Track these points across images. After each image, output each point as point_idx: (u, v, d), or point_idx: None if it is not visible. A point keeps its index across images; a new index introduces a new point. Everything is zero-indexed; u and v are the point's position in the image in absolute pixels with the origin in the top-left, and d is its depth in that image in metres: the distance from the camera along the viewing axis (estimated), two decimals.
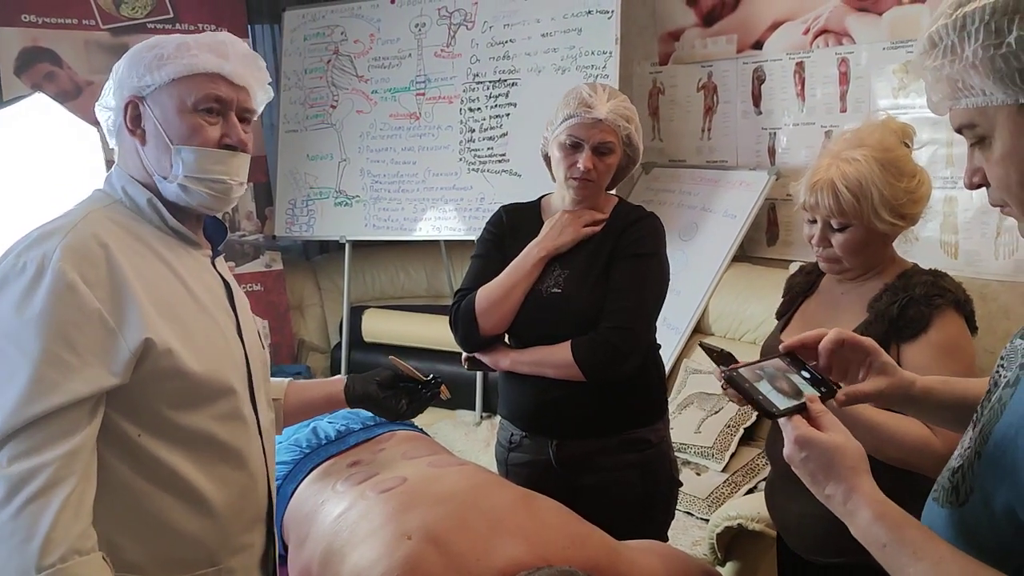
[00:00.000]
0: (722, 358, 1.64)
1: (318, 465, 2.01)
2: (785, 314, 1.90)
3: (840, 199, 1.60)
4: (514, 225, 2.09)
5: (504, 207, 2.15)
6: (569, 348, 1.91)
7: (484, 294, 1.99)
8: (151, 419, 1.28)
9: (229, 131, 1.38)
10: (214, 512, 1.34)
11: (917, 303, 1.60)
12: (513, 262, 2.00)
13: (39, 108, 2.74)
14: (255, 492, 1.43)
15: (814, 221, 1.69)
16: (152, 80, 1.34)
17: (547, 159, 2.04)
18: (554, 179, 2.03)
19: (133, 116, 1.36)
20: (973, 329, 1.64)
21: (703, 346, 1.67)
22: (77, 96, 3.74)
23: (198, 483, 1.32)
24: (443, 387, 1.85)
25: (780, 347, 1.26)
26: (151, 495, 1.29)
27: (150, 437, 1.27)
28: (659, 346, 2.09)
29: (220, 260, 1.49)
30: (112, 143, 1.43)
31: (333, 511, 1.78)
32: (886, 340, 1.61)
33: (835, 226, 1.64)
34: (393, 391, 1.81)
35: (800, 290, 1.89)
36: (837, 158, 1.63)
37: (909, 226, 1.67)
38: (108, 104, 1.40)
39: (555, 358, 1.93)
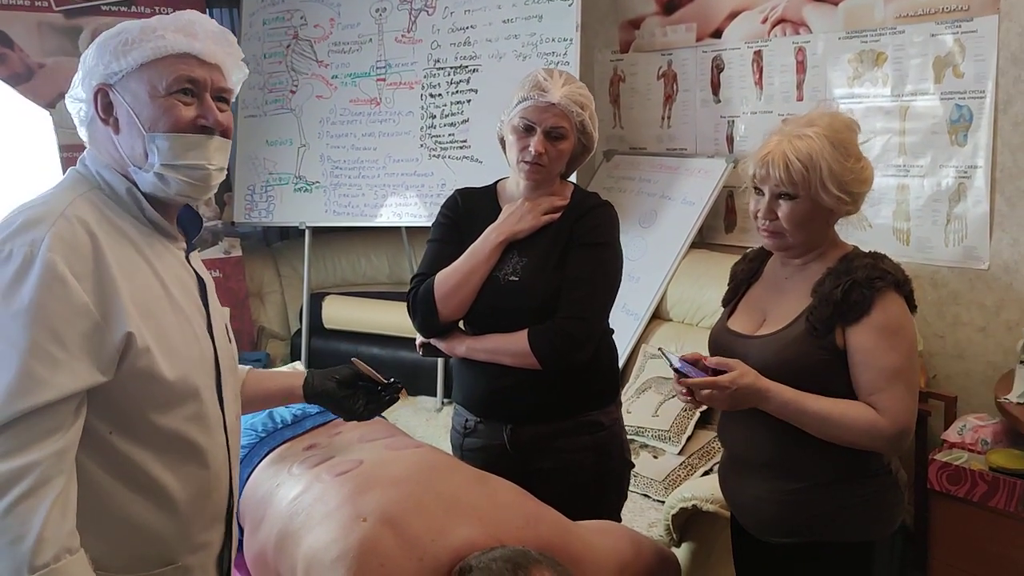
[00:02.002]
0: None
1: (274, 449, 2.00)
2: (731, 301, 1.93)
3: (790, 169, 1.63)
4: (470, 209, 2.09)
5: (459, 190, 2.15)
6: (525, 337, 1.92)
7: (442, 279, 1.99)
8: (124, 417, 1.25)
9: (205, 112, 1.33)
10: (178, 510, 1.32)
11: (859, 286, 1.63)
12: (471, 247, 2.00)
13: None
14: (218, 491, 1.41)
15: (760, 194, 1.71)
16: (120, 67, 1.29)
17: (503, 143, 2.05)
18: (509, 163, 2.03)
19: (104, 105, 1.31)
20: (912, 308, 1.69)
21: (663, 352, 1.72)
22: (30, 79, 3.67)
23: (165, 481, 1.30)
24: (403, 390, 1.83)
25: None
26: (117, 492, 1.26)
27: (121, 435, 1.25)
28: (612, 331, 2.11)
29: (195, 255, 1.45)
30: (83, 134, 1.38)
31: (288, 494, 1.78)
32: (831, 323, 1.65)
33: (782, 197, 1.67)
34: (352, 390, 1.78)
35: (744, 277, 1.92)
36: (787, 135, 1.67)
37: (852, 208, 1.70)
38: (78, 95, 1.34)
39: (511, 347, 1.94)
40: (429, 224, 2.16)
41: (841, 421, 1.63)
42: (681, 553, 2.41)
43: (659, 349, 1.79)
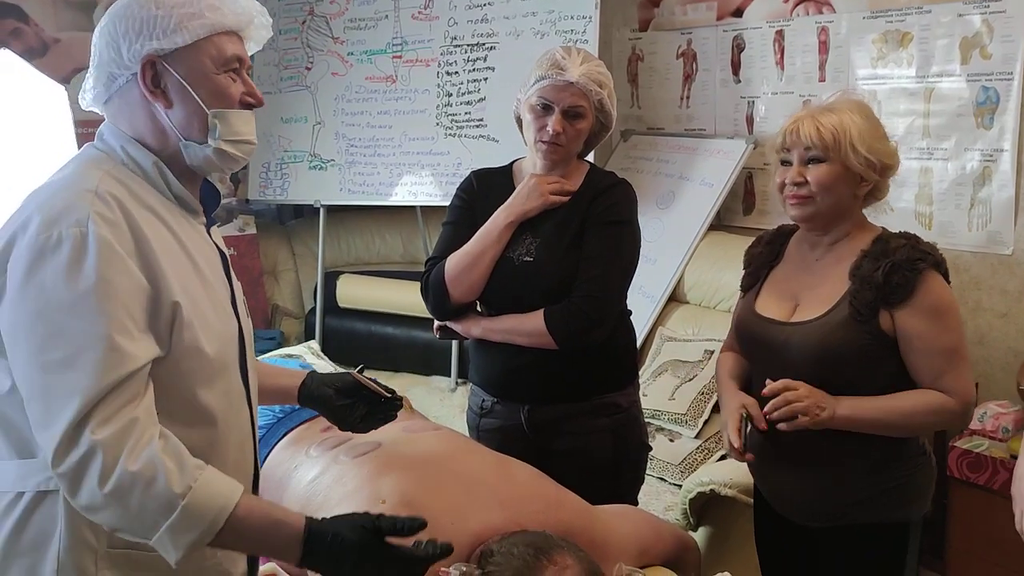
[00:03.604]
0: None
1: (291, 430, 1.99)
2: (752, 286, 1.90)
3: (821, 130, 1.66)
4: (485, 190, 2.07)
5: (475, 172, 2.13)
6: (541, 317, 1.90)
7: (453, 262, 1.97)
8: (168, 398, 1.24)
9: (251, 91, 1.34)
10: None
11: (901, 268, 1.63)
12: (481, 229, 1.98)
13: (4, 65, 2.68)
14: (245, 463, 1.41)
15: (788, 164, 1.72)
16: (181, 39, 1.26)
17: (519, 122, 2.02)
18: (526, 142, 2.01)
19: (152, 77, 1.28)
20: None
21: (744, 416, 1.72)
22: (44, 54, 3.65)
23: (206, 461, 1.27)
24: (405, 404, 1.75)
25: None
26: None
27: (165, 418, 1.24)
28: (630, 311, 2.09)
29: (214, 229, 1.44)
30: (98, 107, 1.34)
31: (306, 475, 1.77)
32: (875, 307, 1.65)
33: (811, 160, 1.69)
34: (351, 399, 1.69)
35: (764, 260, 1.90)
36: (814, 110, 1.71)
37: (878, 182, 1.72)
38: (113, 63, 1.29)
39: (527, 327, 1.93)
40: (444, 204, 2.14)
41: (915, 411, 1.66)
42: (698, 537, 2.39)
43: (746, 416, 1.75)
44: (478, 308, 2.07)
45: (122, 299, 1.16)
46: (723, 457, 2.78)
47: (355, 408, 1.69)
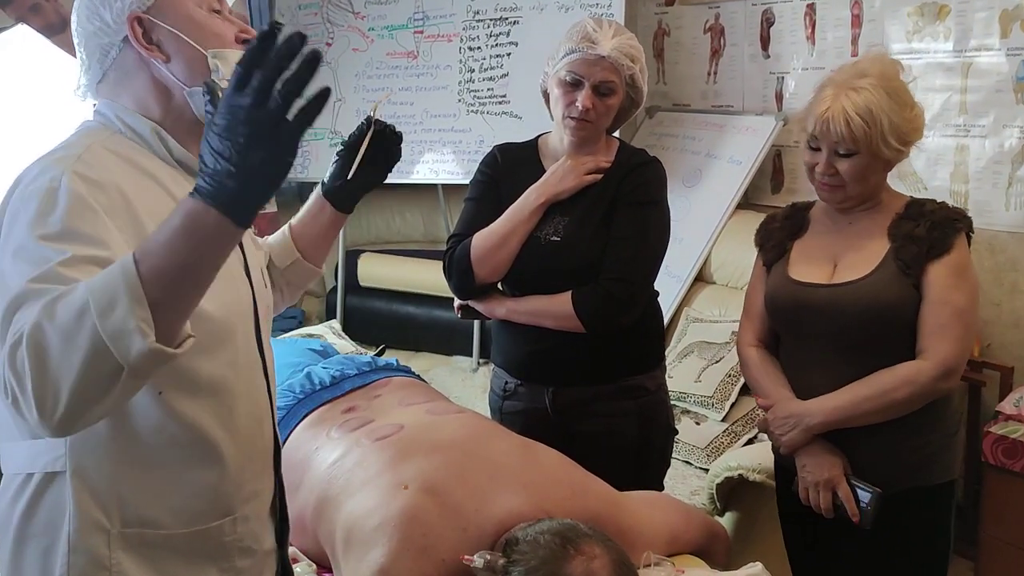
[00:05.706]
0: None
1: (312, 411, 1.96)
2: (778, 259, 1.88)
3: (852, 126, 1.64)
4: (510, 166, 2.02)
5: (498, 147, 2.08)
6: (569, 299, 1.86)
7: (480, 240, 1.93)
8: (172, 373, 1.19)
9: (243, 27, 1.29)
10: (228, 462, 1.29)
11: (940, 226, 1.68)
12: (511, 207, 1.93)
13: (23, 40, 2.65)
14: (262, 438, 1.37)
15: (817, 149, 1.72)
16: None
17: (546, 96, 1.96)
18: (553, 118, 1.95)
19: (143, 33, 1.24)
20: None
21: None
22: (63, 30, 3.61)
23: (214, 434, 1.26)
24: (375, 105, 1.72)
25: None
26: (169, 450, 1.23)
27: (171, 392, 1.21)
28: (657, 293, 2.05)
29: None
30: (87, 91, 1.30)
31: (328, 458, 1.74)
32: (920, 261, 1.67)
33: (842, 153, 1.68)
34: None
35: (786, 234, 1.89)
36: (843, 87, 1.67)
37: (907, 155, 1.73)
38: (101, 33, 1.25)
39: (554, 309, 1.89)
40: (466, 182, 2.09)
41: (885, 390, 1.66)
42: (724, 522, 2.37)
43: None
44: (499, 288, 2.02)
45: (84, 230, 1.10)
46: (750, 441, 2.74)
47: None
